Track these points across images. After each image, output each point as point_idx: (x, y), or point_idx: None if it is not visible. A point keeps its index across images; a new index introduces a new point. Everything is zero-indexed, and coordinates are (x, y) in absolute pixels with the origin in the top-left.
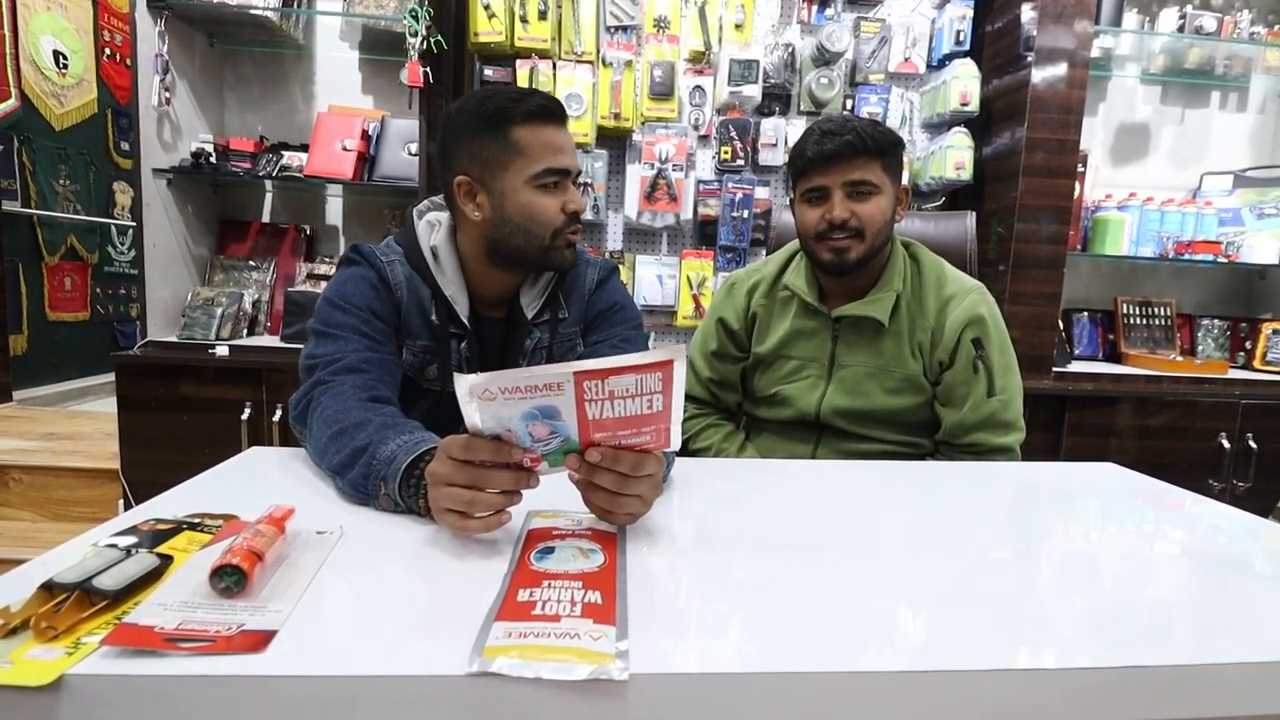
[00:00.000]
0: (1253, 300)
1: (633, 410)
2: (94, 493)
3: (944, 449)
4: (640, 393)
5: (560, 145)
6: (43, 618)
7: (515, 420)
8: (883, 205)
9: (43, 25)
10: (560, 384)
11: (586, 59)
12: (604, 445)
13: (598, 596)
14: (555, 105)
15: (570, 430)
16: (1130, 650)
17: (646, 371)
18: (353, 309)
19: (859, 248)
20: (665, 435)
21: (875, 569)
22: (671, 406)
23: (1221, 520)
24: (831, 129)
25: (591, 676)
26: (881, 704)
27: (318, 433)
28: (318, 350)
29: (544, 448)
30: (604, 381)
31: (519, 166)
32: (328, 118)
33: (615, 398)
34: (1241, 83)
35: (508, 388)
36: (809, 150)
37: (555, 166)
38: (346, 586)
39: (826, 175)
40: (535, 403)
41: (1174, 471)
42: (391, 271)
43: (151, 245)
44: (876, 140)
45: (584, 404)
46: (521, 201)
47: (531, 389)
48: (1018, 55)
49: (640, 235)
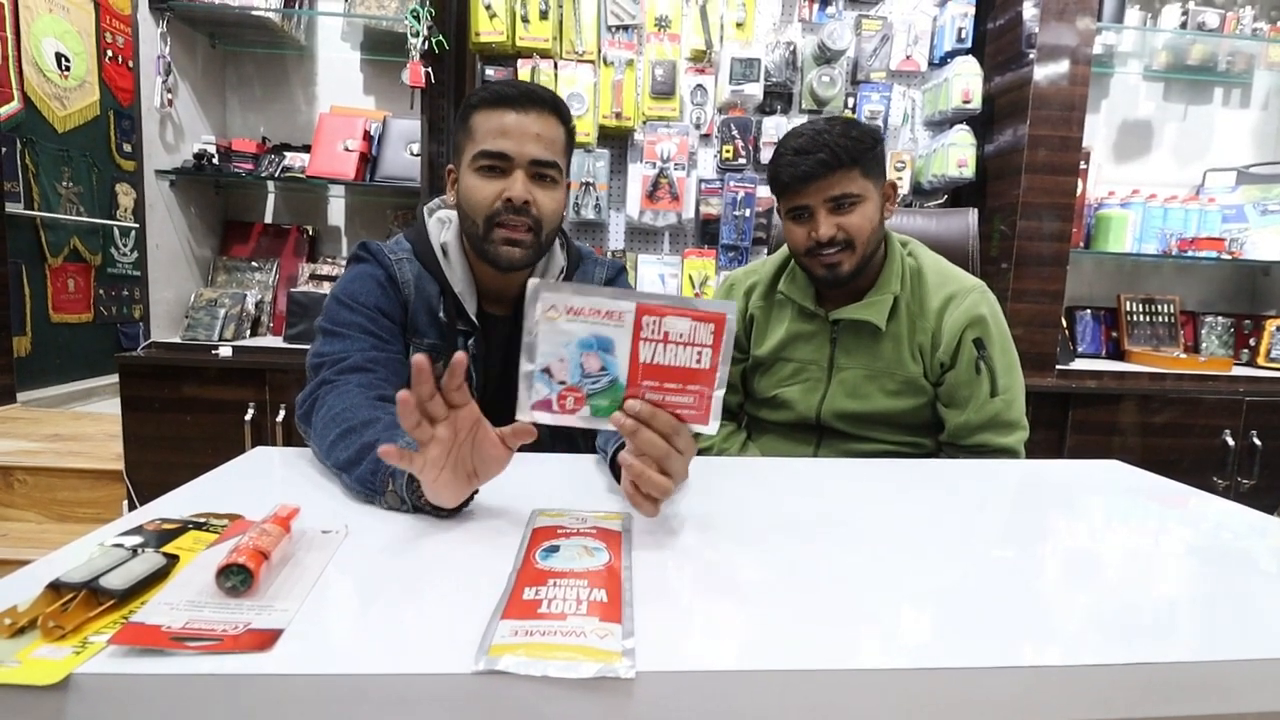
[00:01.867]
0: (1257, 297)
1: (682, 360)
2: (98, 494)
3: (948, 450)
4: (692, 342)
5: (505, 129)
6: (50, 617)
7: (571, 346)
8: (868, 213)
9: (45, 27)
10: (622, 314)
11: (588, 58)
12: (647, 397)
13: (603, 595)
14: (517, 90)
15: (620, 369)
16: (1136, 647)
17: (700, 320)
18: (360, 307)
19: (851, 259)
20: (705, 406)
21: (880, 566)
22: (716, 370)
23: (1227, 517)
24: (803, 146)
25: (598, 675)
26: (887, 701)
27: (324, 430)
28: (324, 349)
29: (591, 385)
30: (661, 320)
31: (468, 149)
32: (330, 118)
33: (669, 341)
34: (1244, 79)
35: (573, 307)
36: (783, 174)
37: (490, 149)
38: (352, 585)
39: (806, 195)
40: (595, 329)
41: (1178, 469)
42: (399, 269)
43: (154, 246)
44: (850, 150)
45: (639, 342)
46: (465, 185)
47: (595, 312)
48: (1020, 52)
49: (642, 235)
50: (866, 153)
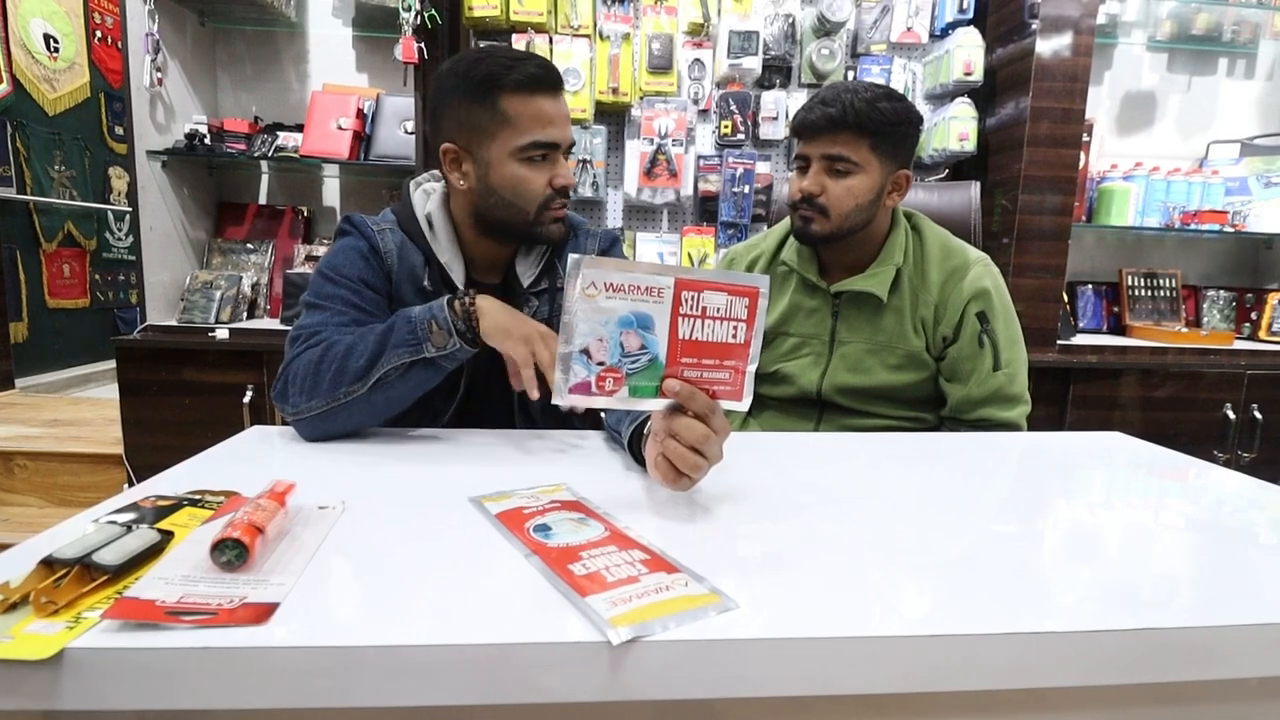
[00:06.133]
0: (1259, 270)
1: (719, 335)
2: (98, 477)
3: (950, 424)
4: (728, 316)
5: (550, 116)
6: (42, 593)
7: (611, 325)
8: (857, 186)
9: (32, 8)
10: (661, 290)
11: (584, 33)
12: (685, 375)
13: (641, 554)
14: (549, 73)
15: (660, 347)
16: (1138, 614)
17: (736, 295)
18: (343, 280)
19: (824, 224)
20: (740, 383)
21: (882, 537)
22: (750, 345)
23: (1228, 487)
24: (825, 97)
25: (723, 613)
26: (892, 668)
27: (317, 374)
28: (305, 321)
29: (631, 364)
30: (700, 295)
31: (506, 137)
32: (322, 96)
33: (707, 316)
34: (1250, 49)
35: (613, 283)
36: (797, 116)
37: (543, 140)
38: (349, 560)
39: (808, 145)
40: (634, 307)
41: (1179, 443)
42: (382, 239)
43: (148, 229)
44: (863, 116)
45: (678, 318)
46: (507, 174)
47: (635, 288)
48: (1022, 23)
49: (640, 212)
50: (884, 127)
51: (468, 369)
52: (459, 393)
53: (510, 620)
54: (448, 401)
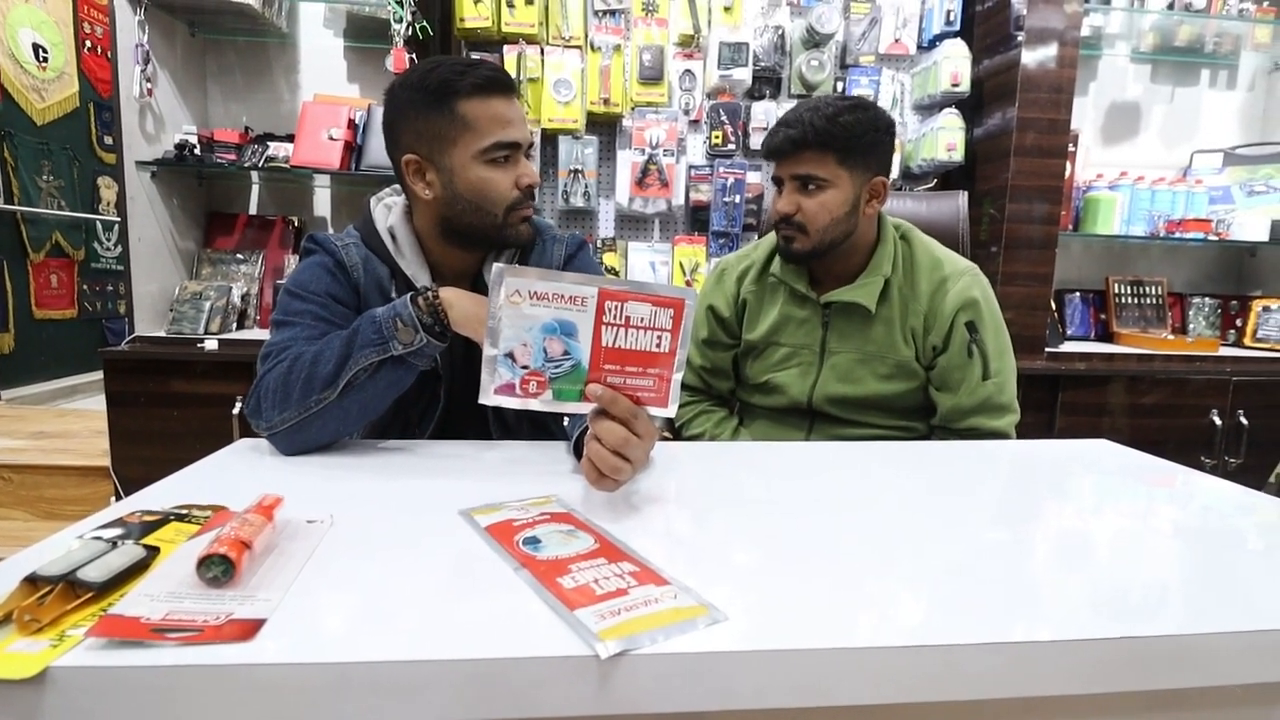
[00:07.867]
0: (1243, 278)
1: (644, 344)
2: (85, 490)
3: (940, 433)
4: (653, 326)
5: (509, 117)
6: (25, 610)
7: (535, 331)
8: (830, 201)
9: (21, 17)
10: (584, 299)
11: (575, 44)
12: (609, 381)
13: (630, 566)
14: (502, 76)
15: (583, 354)
16: (1125, 622)
17: (660, 305)
18: (311, 295)
19: (804, 241)
20: (665, 390)
21: (872, 547)
22: (675, 354)
23: (1214, 494)
24: (788, 118)
25: (713, 624)
26: (881, 679)
27: (287, 384)
28: (276, 338)
29: (554, 369)
30: (623, 305)
31: (467, 141)
32: (313, 107)
33: (630, 325)
34: (1231, 60)
35: (537, 292)
36: (765, 140)
37: (505, 140)
38: (337, 574)
39: (779, 167)
40: (557, 314)
41: (1166, 449)
42: (347, 254)
43: (137, 239)
44: (823, 134)
45: (601, 326)
46: (472, 178)
47: (558, 297)
48: (1008, 35)
49: (632, 222)
50: (849, 140)
51: (446, 378)
52: (439, 404)
53: (499, 635)
54: (428, 413)
